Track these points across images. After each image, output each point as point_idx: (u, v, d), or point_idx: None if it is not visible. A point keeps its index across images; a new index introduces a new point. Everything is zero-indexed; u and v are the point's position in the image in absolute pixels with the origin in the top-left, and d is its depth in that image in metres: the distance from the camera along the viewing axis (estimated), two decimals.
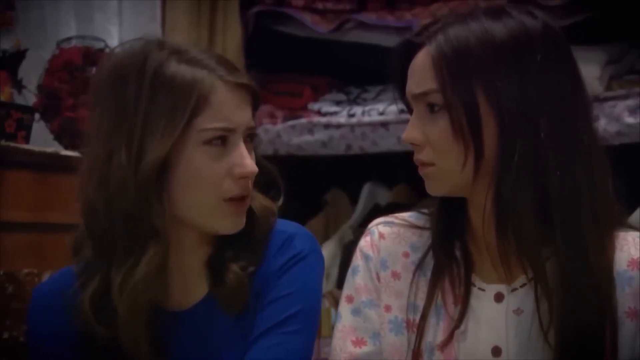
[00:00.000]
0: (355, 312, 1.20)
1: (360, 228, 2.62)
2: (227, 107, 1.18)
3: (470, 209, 1.16)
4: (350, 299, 1.22)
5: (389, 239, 1.22)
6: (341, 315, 1.21)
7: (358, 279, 1.22)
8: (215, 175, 1.18)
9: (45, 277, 1.88)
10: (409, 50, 1.14)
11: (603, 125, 2.08)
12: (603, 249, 1.10)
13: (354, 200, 2.71)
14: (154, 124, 1.16)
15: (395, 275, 1.20)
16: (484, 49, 1.09)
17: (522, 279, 1.14)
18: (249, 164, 1.19)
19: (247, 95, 1.21)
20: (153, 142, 1.16)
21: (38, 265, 1.99)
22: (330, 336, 1.27)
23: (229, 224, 1.20)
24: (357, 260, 1.23)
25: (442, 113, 1.10)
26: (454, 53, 1.09)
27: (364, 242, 1.23)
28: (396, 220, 1.23)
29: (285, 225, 1.28)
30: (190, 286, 1.25)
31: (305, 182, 2.60)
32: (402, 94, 1.18)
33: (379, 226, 1.23)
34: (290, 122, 2.55)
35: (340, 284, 2.50)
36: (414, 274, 1.19)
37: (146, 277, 1.18)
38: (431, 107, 1.11)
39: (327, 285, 2.53)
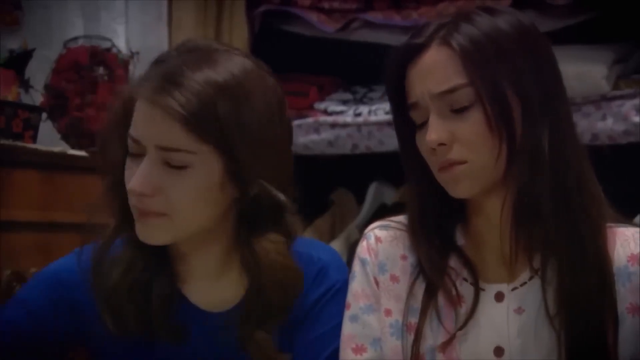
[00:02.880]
0: (354, 319, 1.20)
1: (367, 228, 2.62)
2: (140, 120, 1.17)
3: (475, 211, 1.16)
4: (347, 306, 1.21)
5: (386, 242, 1.21)
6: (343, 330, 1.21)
7: (355, 285, 1.21)
8: (126, 182, 1.19)
9: None
10: (409, 54, 1.14)
11: (610, 124, 2.07)
12: (600, 243, 1.10)
13: (361, 200, 2.70)
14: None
15: (394, 279, 1.19)
16: (500, 42, 1.10)
17: (524, 276, 1.13)
18: (134, 181, 1.16)
19: (169, 116, 1.15)
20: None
21: (45, 264, 1.98)
22: None
23: (138, 231, 1.20)
24: (355, 266, 1.23)
25: (472, 108, 1.09)
26: (477, 48, 1.10)
27: (361, 248, 1.23)
28: (392, 224, 1.23)
29: (316, 249, 1.27)
30: (222, 290, 1.25)
31: (311, 182, 2.60)
32: (397, 99, 1.17)
33: (375, 230, 1.23)
34: (297, 122, 2.54)
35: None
36: (412, 277, 1.18)
37: (128, 262, 1.22)
38: (457, 105, 1.10)
39: None
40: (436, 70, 1.11)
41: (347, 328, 1.19)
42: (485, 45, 1.10)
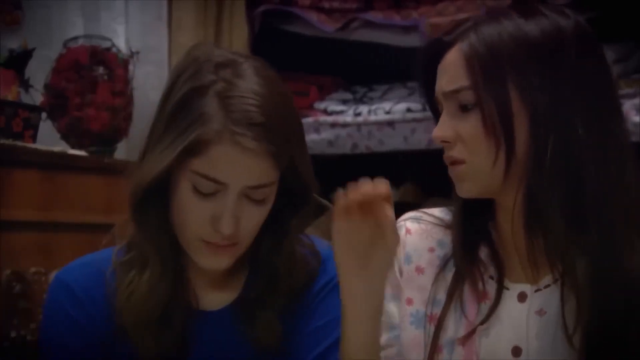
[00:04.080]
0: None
1: None
2: (225, 162, 1.13)
3: (498, 209, 1.16)
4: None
5: (415, 235, 1.22)
6: None
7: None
8: (195, 216, 1.15)
9: (51, 276, 1.88)
10: (439, 49, 1.14)
11: None
12: (635, 249, 1.08)
13: None
14: (163, 140, 1.15)
15: (419, 270, 1.20)
16: (517, 46, 1.09)
17: (547, 279, 1.13)
18: (226, 225, 1.14)
19: (259, 157, 1.13)
20: (150, 158, 1.16)
21: (45, 264, 1.99)
22: None
23: (204, 261, 1.18)
24: None
25: (474, 110, 1.10)
26: (487, 50, 1.09)
27: None
28: (424, 217, 1.23)
29: (317, 243, 1.28)
30: (220, 287, 1.25)
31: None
32: (427, 94, 1.18)
33: (407, 221, 1.24)
34: None
35: None
36: (438, 269, 1.19)
37: (145, 294, 1.18)
38: (463, 105, 1.11)
39: None
40: (449, 70, 1.12)
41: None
42: (496, 50, 1.09)
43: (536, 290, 1.13)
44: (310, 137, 2.51)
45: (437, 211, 1.24)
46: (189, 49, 1.22)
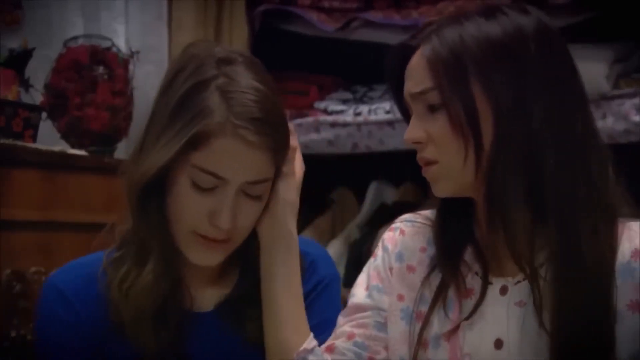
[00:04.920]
0: (367, 290, 1.25)
1: (367, 227, 2.62)
2: (226, 156, 1.14)
3: (476, 207, 1.18)
4: (363, 281, 1.26)
5: (408, 236, 1.26)
6: (354, 294, 1.25)
7: (374, 265, 1.26)
8: (192, 211, 1.16)
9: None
10: (406, 52, 1.17)
11: (610, 123, 2.07)
12: (598, 240, 1.10)
13: (361, 199, 2.70)
14: (164, 134, 1.16)
15: (411, 269, 1.23)
16: (478, 46, 1.11)
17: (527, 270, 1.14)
18: (224, 220, 1.15)
19: (260, 152, 1.15)
20: (151, 153, 1.16)
21: (45, 263, 1.99)
22: None
23: (198, 256, 1.19)
24: (377, 250, 1.28)
25: (441, 110, 1.13)
26: (448, 52, 1.12)
27: (386, 235, 1.28)
28: (418, 218, 1.27)
29: (304, 244, 1.29)
30: (211, 288, 1.26)
31: (311, 181, 2.60)
32: (397, 97, 1.21)
33: (403, 223, 1.28)
34: (297, 121, 2.55)
35: (346, 282, 2.50)
36: (428, 268, 1.21)
37: (146, 287, 1.18)
38: (430, 106, 1.14)
39: None
40: (414, 73, 1.15)
41: (356, 296, 1.25)
42: (458, 51, 1.11)
43: (516, 283, 1.15)
44: (310, 137, 2.51)
45: (430, 212, 1.26)
46: (186, 46, 1.23)
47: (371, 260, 1.28)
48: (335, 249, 2.58)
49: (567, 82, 1.14)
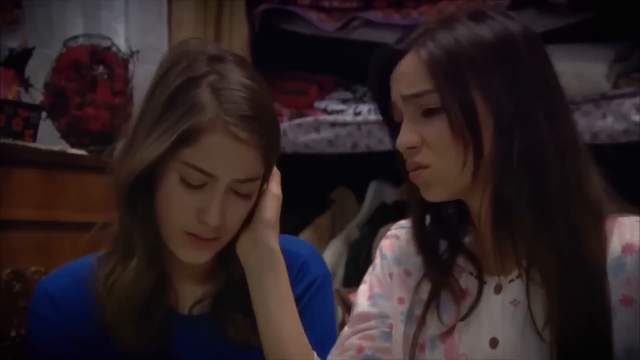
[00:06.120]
0: (369, 298, 1.25)
1: (367, 226, 2.62)
2: (216, 152, 1.13)
3: (469, 209, 1.18)
4: (365, 291, 1.26)
5: (403, 241, 1.26)
6: (358, 303, 1.25)
7: (375, 273, 1.26)
8: (181, 208, 1.16)
9: None
10: (391, 57, 1.17)
11: (610, 123, 2.07)
12: (590, 238, 1.10)
13: (361, 199, 2.70)
14: (155, 130, 1.15)
15: (408, 273, 1.24)
16: (474, 49, 1.11)
17: (516, 271, 1.14)
18: (213, 217, 1.14)
19: (250, 149, 1.15)
20: (141, 148, 1.16)
21: (45, 263, 1.99)
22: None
23: (185, 254, 1.19)
24: (376, 258, 1.28)
25: (438, 114, 1.12)
26: (446, 55, 1.11)
27: (383, 243, 1.28)
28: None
29: (294, 245, 1.29)
30: (197, 286, 1.25)
31: (311, 181, 2.60)
32: (380, 101, 1.20)
33: (397, 229, 1.28)
34: (297, 121, 2.55)
35: (346, 282, 2.50)
36: (422, 272, 1.22)
37: (130, 282, 1.18)
38: (426, 110, 1.12)
39: (334, 284, 2.53)
40: (407, 75, 1.14)
41: (360, 305, 1.25)
42: (456, 54, 1.11)
43: (510, 281, 1.15)
44: (310, 137, 2.51)
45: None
46: (178, 43, 1.23)
47: (370, 269, 1.27)
48: (335, 249, 2.58)
49: (555, 84, 1.14)
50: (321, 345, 1.23)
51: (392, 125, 1.20)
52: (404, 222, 1.27)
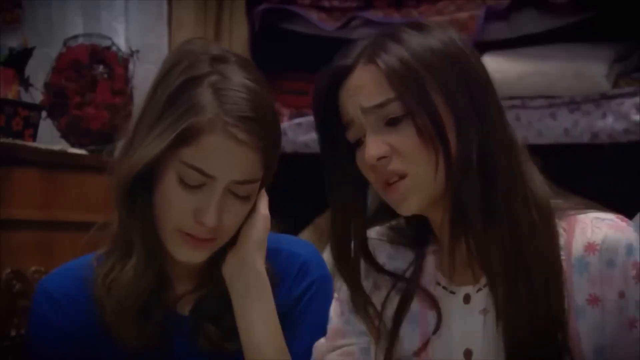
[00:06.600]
0: (342, 315, 1.23)
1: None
2: (215, 153, 1.13)
3: (431, 223, 1.18)
4: (337, 306, 1.24)
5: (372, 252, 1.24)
6: (331, 318, 1.24)
7: (343, 290, 1.24)
8: (178, 207, 1.15)
9: None
10: (337, 76, 1.18)
11: (610, 122, 2.07)
12: (545, 233, 1.10)
13: None
14: (155, 129, 1.15)
15: (376, 286, 1.22)
16: (429, 56, 1.12)
17: (484, 280, 1.14)
18: (210, 218, 1.14)
19: (250, 151, 1.15)
20: (141, 147, 1.16)
21: (45, 263, 1.99)
22: None
23: (182, 254, 1.19)
24: None
25: (403, 121, 1.12)
26: (405, 63, 1.12)
27: None
28: (373, 235, 1.26)
29: (294, 245, 1.29)
30: (193, 287, 1.25)
31: (311, 180, 2.59)
32: (327, 122, 1.19)
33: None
34: (297, 120, 2.54)
35: None
36: (390, 286, 1.21)
37: (129, 281, 1.18)
38: (389, 119, 1.12)
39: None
40: (365, 87, 1.14)
41: (334, 321, 1.23)
42: (413, 62, 1.12)
43: (478, 290, 1.14)
44: (311, 137, 2.50)
45: (382, 227, 1.27)
46: (181, 42, 1.23)
47: (338, 285, 1.25)
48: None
49: (493, 87, 1.16)
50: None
51: (336, 152, 1.19)
52: (372, 233, 1.26)
